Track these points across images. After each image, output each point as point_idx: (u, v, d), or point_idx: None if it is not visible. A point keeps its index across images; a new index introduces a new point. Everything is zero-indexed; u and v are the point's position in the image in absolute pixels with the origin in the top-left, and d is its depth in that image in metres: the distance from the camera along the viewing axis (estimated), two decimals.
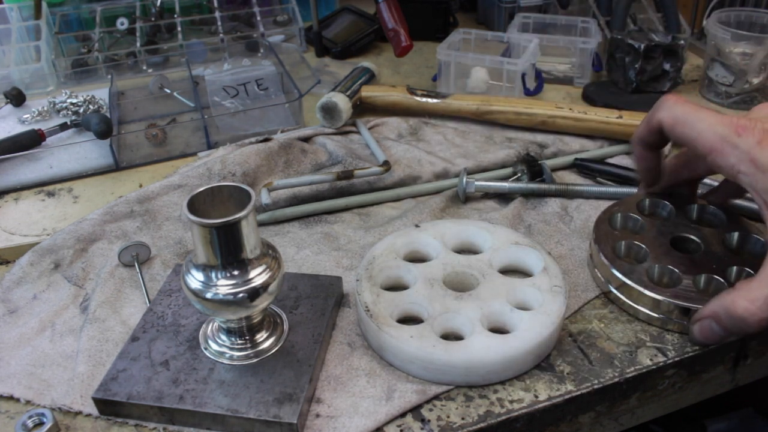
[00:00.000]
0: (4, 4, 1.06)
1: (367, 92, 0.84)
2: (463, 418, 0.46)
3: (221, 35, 1.06)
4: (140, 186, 0.74)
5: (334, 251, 0.62)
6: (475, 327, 0.49)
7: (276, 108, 0.86)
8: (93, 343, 0.52)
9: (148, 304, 0.56)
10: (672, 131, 0.51)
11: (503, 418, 0.47)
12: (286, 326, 0.52)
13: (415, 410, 0.47)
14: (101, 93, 0.91)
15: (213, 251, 0.43)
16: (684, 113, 0.49)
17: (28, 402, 0.49)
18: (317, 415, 0.46)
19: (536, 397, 0.48)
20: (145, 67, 1.02)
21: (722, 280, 0.53)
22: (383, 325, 0.49)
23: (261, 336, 0.50)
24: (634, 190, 0.65)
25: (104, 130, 0.75)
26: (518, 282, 0.54)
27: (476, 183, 0.68)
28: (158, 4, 1.11)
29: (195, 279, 0.45)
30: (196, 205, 0.43)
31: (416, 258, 0.59)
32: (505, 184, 0.69)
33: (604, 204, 0.64)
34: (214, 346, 0.50)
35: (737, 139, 0.46)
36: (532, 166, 0.71)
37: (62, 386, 0.49)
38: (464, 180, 0.67)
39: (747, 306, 0.45)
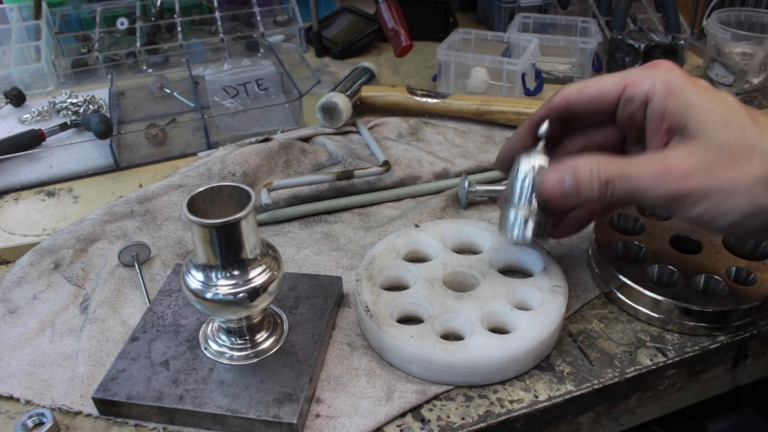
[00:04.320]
0: (4, 4, 1.06)
1: (367, 92, 0.84)
2: (463, 418, 0.46)
3: (221, 35, 1.06)
4: (140, 186, 0.74)
5: (334, 251, 0.62)
6: (475, 327, 0.49)
7: (276, 108, 0.86)
8: (93, 343, 0.52)
9: (148, 304, 0.56)
10: (578, 96, 0.49)
11: (503, 418, 0.47)
12: (286, 326, 0.52)
13: (415, 410, 0.47)
14: (101, 93, 0.91)
15: (213, 251, 0.43)
16: (584, 83, 0.49)
17: (28, 402, 0.49)
18: (317, 415, 0.46)
19: (536, 397, 0.48)
20: (145, 67, 1.02)
21: (722, 280, 0.53)
22: (383, 325, 0.49)
23: (261, 336, 0.50)
24: None
25: (104, 130, 0.75)
26: (518, 282, 0.54)
27: (477, 188, 0.68)
28: (158, 4, 1.11)
29: (195, 279, 0.45)
30: (196, 205, 0.43)
31: (416, 258, 0.59)
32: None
33: None
34: (214, 346, 0.50)
35: (648, 71, 0.46)
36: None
37: (62, 386, 0.49)
38: (465, 186, 0.67)
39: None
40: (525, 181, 0.50)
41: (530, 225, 0.51)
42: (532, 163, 0.50)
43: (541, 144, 0.51)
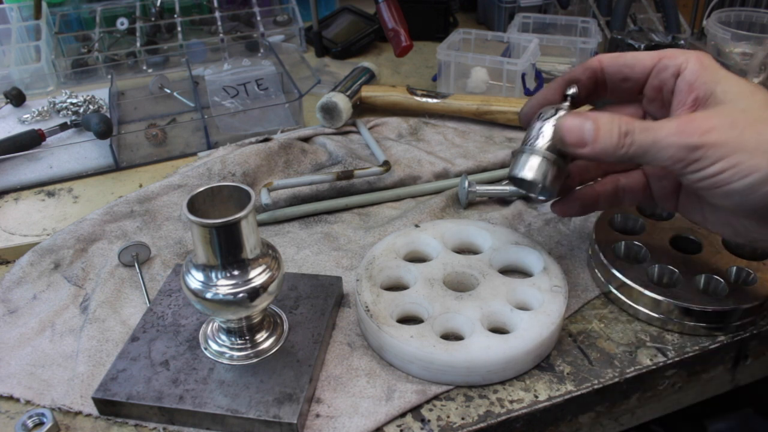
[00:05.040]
0: (4, 4, 1.06)
1: (367, 92, 0.84)
2: (463, 418, 0.46)
3: (221, 35, 1.06)
4: (140, 186, 0.74)
5: (334, 251, 0.62)
6: (475, 327, 0.49)
7: (276, 108, 0.86)
8: (93, 343, 0.52)
9: (148, 304, 0.56)
10: (614, 62, 0.50)
11: (503, 418, 0.47)
12: (286, 326, 0.52)
13: (415, 410, 0.47)
14: (101, 93, 0.91)
15: (213, 251, 0.43)
16: (620, 53, 0.50)
17: (28, 402, 0.49)
18: (317, 415, 0.46)
19: (536, 397, 0.48)
20: (145, 67, 1.02)
21: (722, 280, 0.53)
22: (383, 325, 0.49)
23: (261, 336, 0.50)
24: None
25: (104, 130, 0.75)
26: (518, 282, 0.54)
27: (478, 189, 0.68)
28: (158, 4, 1.11)
29: (195, 279, 0.45)
30: (196, 205, 0.43)
31: (416, 258, 0.59)
32: (507, 189, 0.68)
33: None
34: (214, 346, 0.50)
35: (684, 50, 0.47)
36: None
37: (62, 386, 0.49)
38: (465, 186, 0.67)
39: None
40: (545, 125, 0.49)
41: (542, 165, 0.48)
42: (555, 111, 0.49)
43: (566, 103, 0.50)
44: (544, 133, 0.49)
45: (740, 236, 0.47)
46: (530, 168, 0.49)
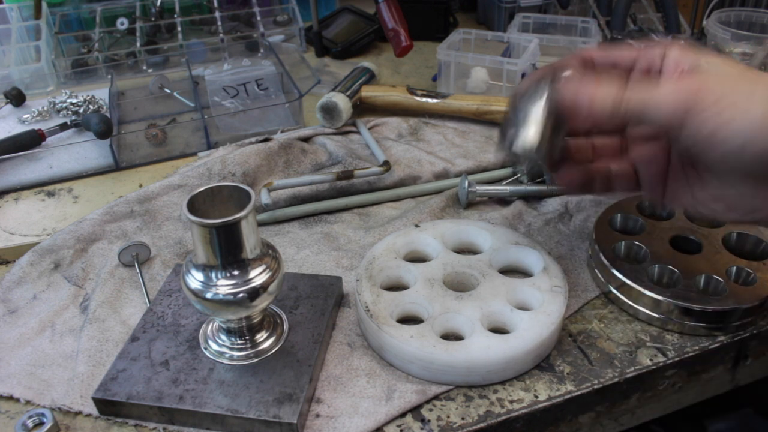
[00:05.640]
0: (4, 4, 1.06)
1: (367, 92, 0.84)
2: (463, 418, 0.46)
3: (221, 35, 1.06)
4: (140, 186, 0.74)
5: (334, 251, 0.62)
6: (475, 327, 0.49)
7: (276, 108, 0.86)
8: (93, 343, 0.52)
9: (148, 304, 0.56)
10: (599, 55, 0.50)
11: (503, 418, 0.47)
12: (286, 326, 0.52)
13: (415, 410, 0.47)
14: (101, 93, 0.91)
15: (213, 251, 0.43)
16: (601, 48, 0.51)
17: (28, 402, 0.49)
18: (317, 415, 0.46)
19: (536, 397, 0.48)
20: (145, 67, 1.02)
21: (722, 280, 0.53)
22: (383, 325, 0.49)
23: (261, 336, 0.50)
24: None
25: (104, 130, 0.75)
26: (518, 282, 0.54)
27: (478, 189, 0.68)
28: (158, 4, 1.11)
29: (195, 279, 0.45)
30: (196, 205, 0.43)
31: (416, 258, 0.59)
32: (507, 189, 0.68)
33: (605, 204, 0.64)
34: (214, 346, 0.50)
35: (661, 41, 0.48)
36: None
37: (62, 386, 0.49)
38: (465, 186, 0.67)
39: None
40: (536, 94, 0.46)
41: (535, 134, 0.46)
42: (547, 83, 0.47)
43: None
44: (537, 101, 0.46)
45: (735, 210, 0.46)
46: (524, 140, 0.46)
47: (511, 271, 0.58)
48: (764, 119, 0.40)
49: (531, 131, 0.46)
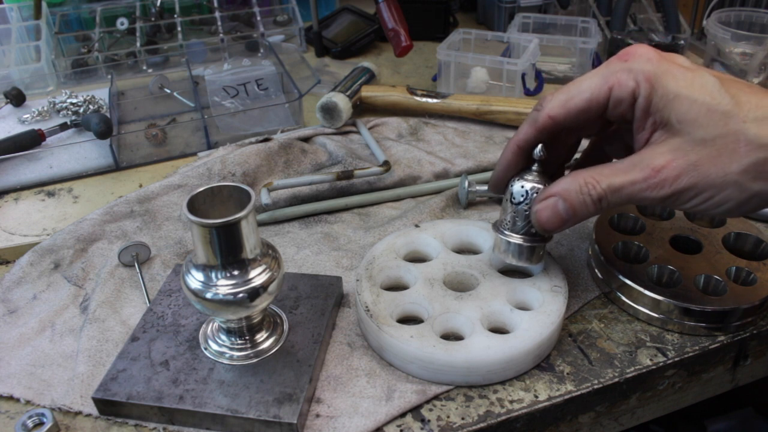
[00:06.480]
0: (4, 4, 1.07)
1: (367, 92, 0.84)
2: (463, 418, 0.46)
3: (221, 35, 1.06)
4: (140, 186, 0.74)
5: (334, 251, 0.62)
6: (475, 327, 0.49)
7: (276, 108, 0.86)
8: (93, 343, 0.52)
9: (148, 304, 0.56)
10: (565, 113, 0.47)
11: (503, 418, 0.47)
12: (286, 326, 0.52)
13: (415, 410, 0.47)
14: (101, 93, 0.91)
15: (213, 251, 0.43)
16: (566, 94, 0.47)
17: (28, 402, 0.49)
18: (317, 415, 0.46)
19: (536, 397, 0.48)
20: (145, 67, 1.02)
21: (722, 280, 0.53)
22: (383, 325, 0.49)
23: (261, 336, 0.50)
24: None
25: (104, 130, 0.75)
26: (518, 282, 0.54)
27: (477, 188, 0.68)
28: (158, 4, 1.11)
29: (195, 279, 0.44)
30: (196, 205, 0.43)
31: (416, 258, 0.59)
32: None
33: None
34: (214, 346, 0.50)
35: (629, 66, 0.45)
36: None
37: (62, 386, 0.49)
38: (465, 186, 0.67)
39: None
40: (519, 207, 0.50)
41: (526, 251, 0.52)
42: (526, 188, 0.50)
43: (535, 166, 0.50)
44: (521, 214, 0.51)
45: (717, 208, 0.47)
46: (517, 257, 0.52)
47: (511, 271, 0.58)
48: (741, 194, 0.42)
49: (524, 252, 0.52)
